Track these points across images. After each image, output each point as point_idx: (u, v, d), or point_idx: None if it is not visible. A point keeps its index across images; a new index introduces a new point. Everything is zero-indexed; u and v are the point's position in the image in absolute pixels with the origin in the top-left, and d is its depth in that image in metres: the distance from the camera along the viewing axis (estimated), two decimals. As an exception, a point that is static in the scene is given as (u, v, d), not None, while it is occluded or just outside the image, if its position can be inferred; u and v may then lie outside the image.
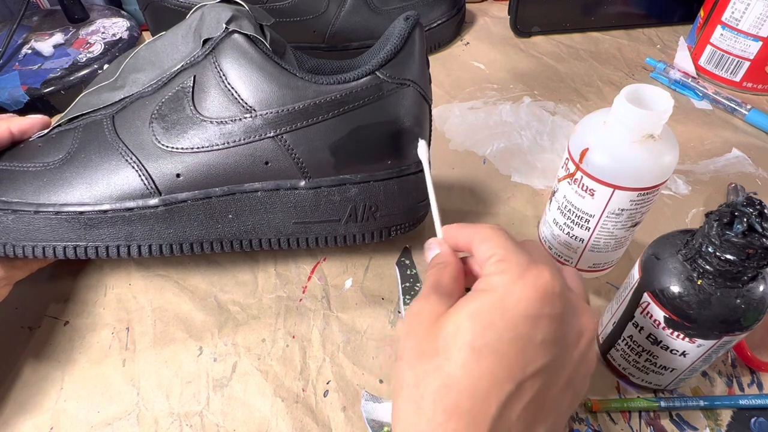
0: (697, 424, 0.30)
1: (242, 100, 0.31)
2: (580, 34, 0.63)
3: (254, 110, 0.31)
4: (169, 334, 0.34)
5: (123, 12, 0.64)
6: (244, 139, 0.31)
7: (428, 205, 0.38)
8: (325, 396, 0.31)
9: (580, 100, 0.53)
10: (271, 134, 0.31)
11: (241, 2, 0.33)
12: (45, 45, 0.56)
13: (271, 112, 0.30)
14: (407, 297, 0.36)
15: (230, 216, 0.33)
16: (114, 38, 0.58)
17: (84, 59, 0.55)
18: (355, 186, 0.33)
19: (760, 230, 0.22)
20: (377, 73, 0.31)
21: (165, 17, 0.53)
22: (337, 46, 0.55)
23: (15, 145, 0.34)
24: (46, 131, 0.35)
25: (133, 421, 0.30)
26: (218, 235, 0.33)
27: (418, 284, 0.37)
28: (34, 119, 0.35)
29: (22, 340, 0.34)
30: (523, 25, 0.62)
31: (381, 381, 0.32)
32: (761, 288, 0.24)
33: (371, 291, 0.37)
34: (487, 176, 0.45)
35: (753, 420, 0.30)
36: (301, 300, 0.36)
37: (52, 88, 0.52)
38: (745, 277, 0.24)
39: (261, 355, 0.33)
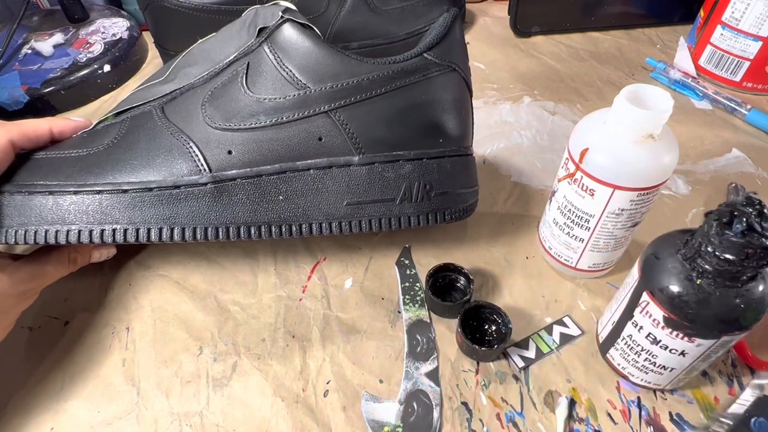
0: (697, 424, 0.30)
1: (297, 78, 0.31)
2: (580, 34, 0.63)
3: (308, 87, 0.31)
4: (169, 334, 0.34)
5: (123, 12, 0.64)
6: (297, 115, 0.31)
7: (477, 193, 0.38)
8: (325, 396, 0.31)
9: (580, 100, 0.53)
10: (325, 109, 0.31)
11: (289, 5, 0.34)
12: (45, 45, 0.56)
13: (326, 87, 0.31)
14: (407, 297, 0.36)
15: (280, 197, 0.32)
16: (114, 38, 0.58)
17: (84, 59, 0.55)
18: (409, 163, 0.33)
19: (760, 230, 0.22)
20: (425, 54, 0.32)
21: (165, 17, 0.52)
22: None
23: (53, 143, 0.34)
24: (89, 129, 0.34)
25: (133, 421, 0.30)
26: (266, 218, 0.32)
27: (417, 284, 0.37)
28: (77, 122, 0.35)
29: (22, 340, 0.34)
30: (523, 25, 0.62)
31: (381, 381, 0.32)
32: (760, 287, 0.24)
33: (371, 291, 0.37)
34: (487, 176, 0.45)
35: (753, 420, 0.30)
36: (301, 300, 0.36)
37: (52, 88, 0.52)
38: (745, 277, 0.24)
39: (261, 355, 0.33)
